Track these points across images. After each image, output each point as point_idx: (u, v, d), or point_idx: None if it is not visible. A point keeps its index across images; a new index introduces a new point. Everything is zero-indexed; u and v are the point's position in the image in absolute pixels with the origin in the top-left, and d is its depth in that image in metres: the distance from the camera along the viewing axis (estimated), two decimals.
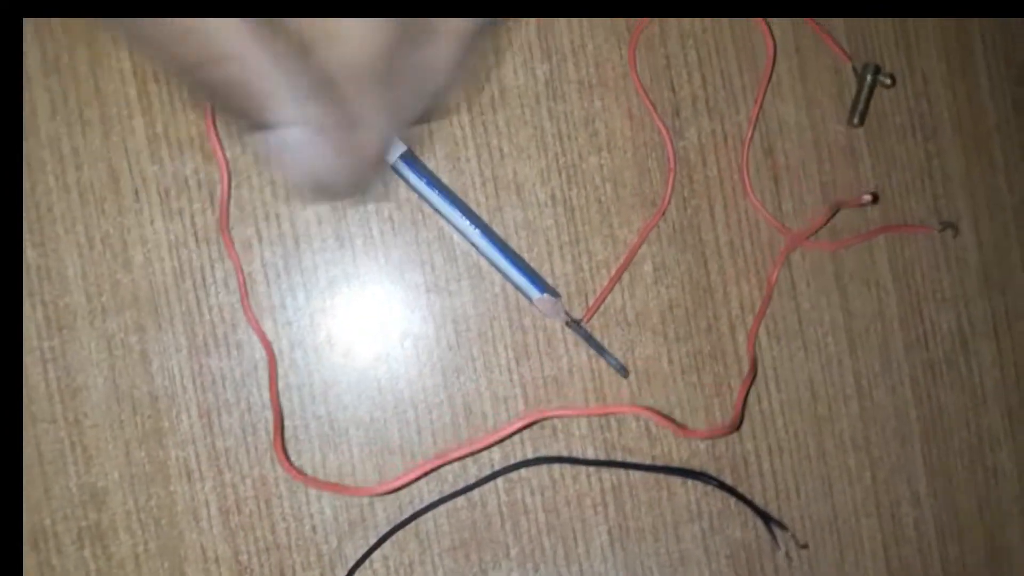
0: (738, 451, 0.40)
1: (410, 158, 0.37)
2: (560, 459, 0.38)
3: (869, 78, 0.40)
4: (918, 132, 0.42)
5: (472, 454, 0.37)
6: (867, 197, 0.39)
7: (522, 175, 0.38)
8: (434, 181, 0.37)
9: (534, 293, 0.37)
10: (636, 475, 0.39)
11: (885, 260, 0.41)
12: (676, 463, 0.39)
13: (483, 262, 0.38)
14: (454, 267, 0.38)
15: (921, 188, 0.42)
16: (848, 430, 0.41)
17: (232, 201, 0.37)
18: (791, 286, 0.40)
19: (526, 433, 0.38)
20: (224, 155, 0.36)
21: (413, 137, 0.35)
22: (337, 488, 0.35)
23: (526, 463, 0.37)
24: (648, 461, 0.39)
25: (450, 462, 0.37)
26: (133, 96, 0.36)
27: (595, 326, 0.39)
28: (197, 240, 0.36)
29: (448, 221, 0.37)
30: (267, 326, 0.37)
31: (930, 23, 0.42)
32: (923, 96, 0.42)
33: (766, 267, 0.40)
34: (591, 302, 0.39)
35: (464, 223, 0.37)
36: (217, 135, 0.36)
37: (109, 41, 0.36)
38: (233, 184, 0.37)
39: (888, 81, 0.40)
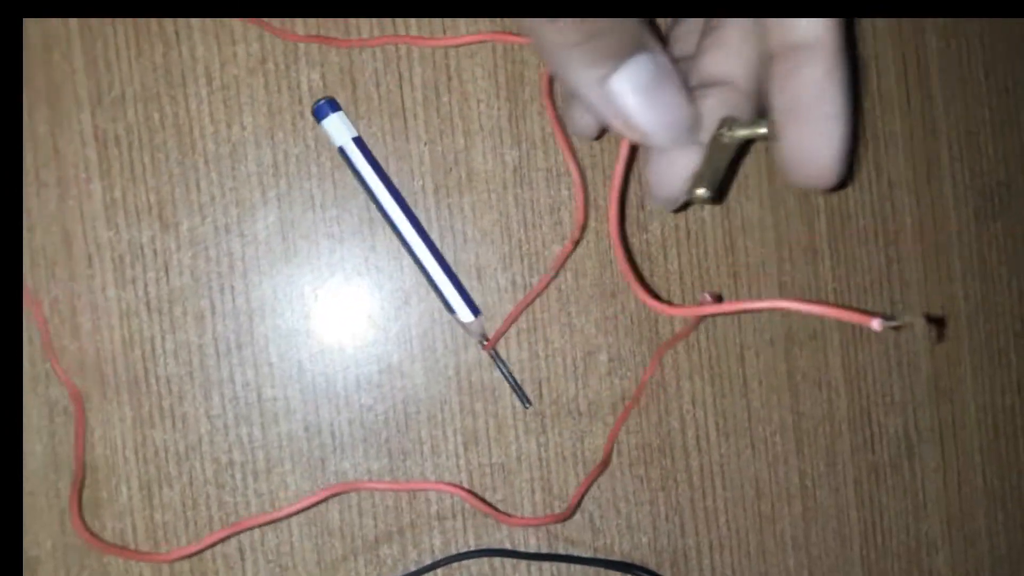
0: (680, 546, 0.40)
1: (361, 144, 0.36)
2: (501, 552, 0.38)
3: (726, 134, 0.28)
4: (880, 236, 0.42)
5: (271, 522, 0.36)
6: (706, 296, 0.40)
7: (484, 259, 0.38)
8: (381, 173, 0.37)
9: (466, 316, 0.37)
10: (577, 567, 0.39)
11: (839, 362, 0.42)
12: (618, 556, 0.39)
13: (439, 341, 0.38)
14: (408, 347, 0.38)
15: (879, 292, 0.42)
16: (790, 529, 0.41)
17: (188, 272, 0.36)
18: (743, 383, 0.41)
19: (468, 520, 0.38)
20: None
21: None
22: (120, 552, 0.34)
23: (467, 555, 0.37)
24: (590, 553, 0.39)
25: (248, 529, 0.35)
26: (93, 159, 0.36)
27: (547, 413, 0.39)
28: (149, 310, 0.36)
29: (388, 219, 0.37)
30: (214, 400, 0.36)
31: (899, 128, 0.42)
32: (887, 200, 0.42)
33: (725, 363, 0.40)
34: (544, 388, 0.39)
35: (406, 226, 0.37)
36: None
37: (72, 100, 0.36)
38: (190, 253, 0.36)
39: (760, 132, 0.27)
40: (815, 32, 0.25)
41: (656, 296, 0.36)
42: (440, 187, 0.38)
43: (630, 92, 0.25)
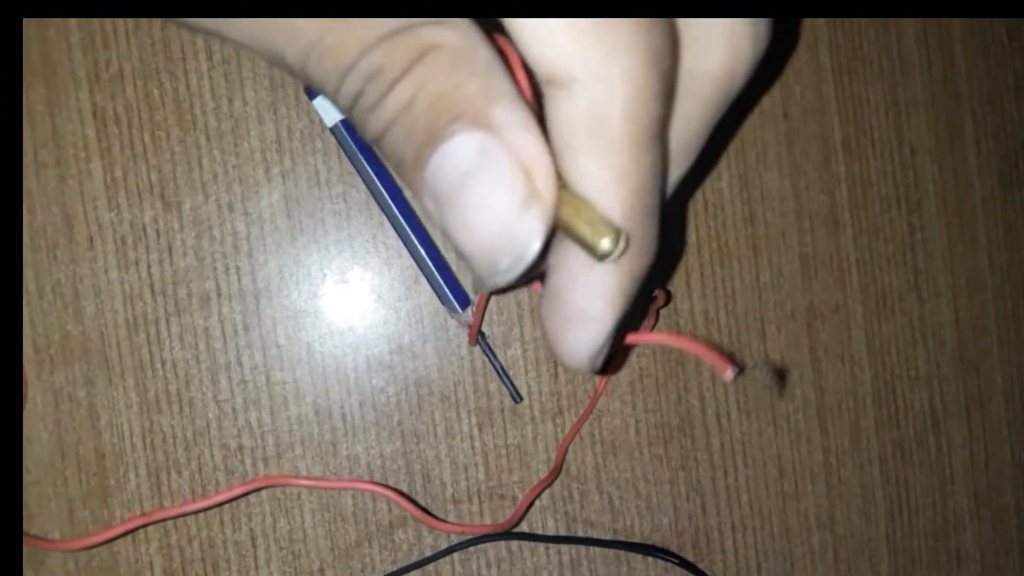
0: (701, 526, 0.39)
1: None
2: (519, 535, 0.37)
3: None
4: (903, 204, 0.41)
5: (193, 512, 0.34)
6: (658, 293, 0.36)
7: None
8: (374, 157, 0.35)
9: (456, 308, 0.36)
10: (596, 549, 0.38)
11: (862, 336, 0.41)
12: (638, 538, 0.38)
13: (451, 320, 0.37)
14: (419, 327, 0.37)
15: (902, 261, 0.41)
16: (813, 508, 0.40)
17: (192, 252, 0.35)
18: (764, 358, 0.40)
19: (485, 504, 0.37)
20: None
21: None
22: (31, 542, 0.33)
23: (484, 539, 0.36)
24: (609, 535, 0.38)
25: (164, 520, 0.33)
26: (92, 138, 0.35)
27: (563, 393, 0.38)
28: (153, 292, 0.35)
29: (380, 203, 0.35)
30: (221, 384, 0.35)
31: (920, 94, 0.41)
32: (910, 168, 0.41)
33: (745, 337, 0.39)
34: (559, 368, 0.38)
35: (396, 212, 0.35)
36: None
37: (69, 78, 0.34)
38: (194, 233, 0.35)
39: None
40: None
41: None
42: None
43: (436, 190, 0.18)
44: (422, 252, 0.36)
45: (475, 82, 0.17)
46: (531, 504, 0.37)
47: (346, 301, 0.36)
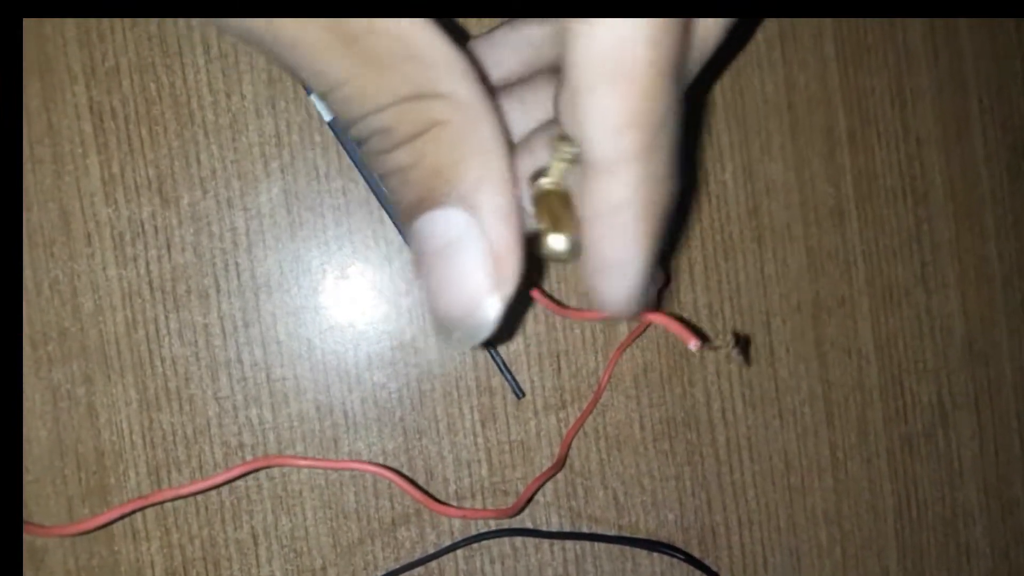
0: (707, 522, 0.39)
1: None
2: (522, 531, 0.36)
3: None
4: (909, 195, 0.41)
5: (191, 494, 0.32)
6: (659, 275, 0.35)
7: None
8: None
9: None
10: (600, 545, 0.38)
11: (869, 328, 0.40)
12: (643, 533, 0.38)
13: None
14: (421, 323, 0.36)
15: (909, 253, 0.41)
16: (821, 503, 0.40)
17: (191, 248, 0.35)
18: (770, 352, 0.39)
19: (488, 500, 0.37)
20: None
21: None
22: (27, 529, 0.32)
23: (487, 535, 0.36)
24: (614, 531, 0.38)
25: (162, 502, 0.32)
26: (88, 133, 0.34)
27: (566, 388, 0.37)
28: (152, 289, 0.35)
29: (380, 200, 0.35)
30: (221, 381, 0.35)
31: (927, 84, 0.40)
32: (916, 159, 0.41)
33: (750, 331, 0.39)
34: (563, 361, 0.37)
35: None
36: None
37: (64, 73, 0.34)
38: (192, 229, 0.35)
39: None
40: (604, 153, 0.19)
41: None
42: None
43: (419, 244, 0.20)
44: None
45: (471, 162, 0.19)
46: (535, 494, 0.37)
47: (347, 297, 0.36)
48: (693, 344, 0.23)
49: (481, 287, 0.20)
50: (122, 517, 0.34)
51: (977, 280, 0.41)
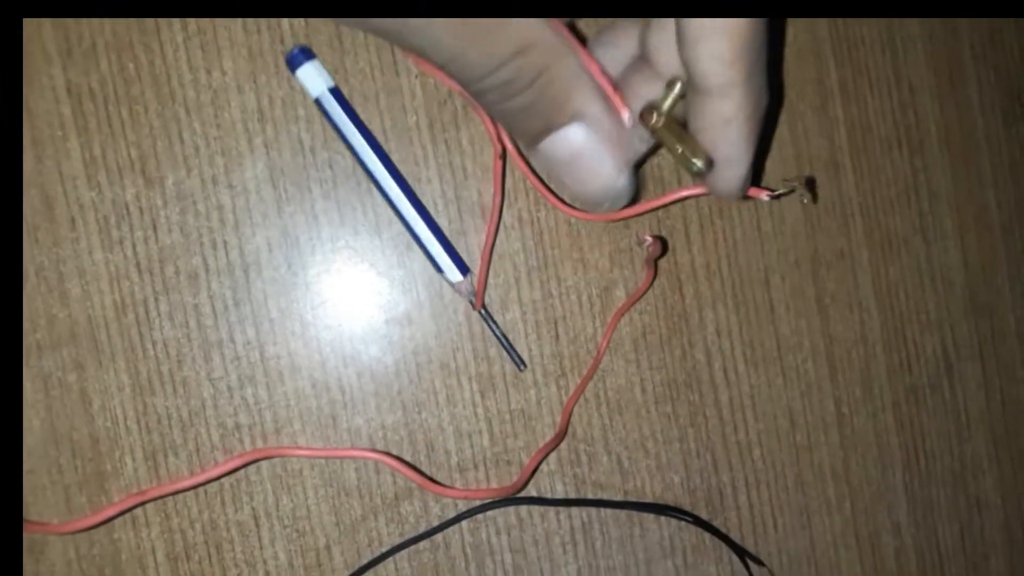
0: (714, 483, 0.38)
1: (339, 95, 0.34)
2: (528, 500, 0.36)
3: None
4: (904, 145, 0.40)
5: (188, 488, 0.32)
6: (647, 239, 0.36)
7: (487, 196, 0.36)
8: (361, 126, 0.34)
9: (455, 276, 0.35)
10: (607, 511, 0.37)
11: (869, 281, 0.40)
12: (649, 498, 0.38)
13: (446, 287, 0.36)
14: (414, 295, 0.36)
15: (907, 204, 0.40)
16: (828, 459, 0.39)
17: (177, 228, 0.34)
18: (770, 310, 0.39)
19: (491, 470, 0.36)
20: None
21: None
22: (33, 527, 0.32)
23: (492, 505, 0.36)
24: (620, 496, 0.37)
25: (160, 497, 0.32)
26: (67, 115, 0.34)
27: (565, 354, 0.37)
28: (139, 271, 0.34)
29: (369, 174, 0.35)
30: (215, 362, 0.35)
31: (918, 31, 0.40)
32: (910, 107, 0.40)
33: (749, 289, 0.38)
34: (560, 328, 0.37)
35: (388, 182, 0.34)
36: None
37: (40, 55, 0.34)
38: (178, 209, 0.34)
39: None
40: (717, 82, 0.25)
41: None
42: (435, 121, 0.36)
43: (552, 159, 0.27)
44: (419, 222, 0.35)
45: (576, 90, 0.26)
46: (537, 467, 0.36)
47: (337, 271, 0.35)
48: (765, 195, 0.30)
49: (610, 172, 0.27)
50: (120, 514, 0.34)
51: (976, 228, 0.41)
